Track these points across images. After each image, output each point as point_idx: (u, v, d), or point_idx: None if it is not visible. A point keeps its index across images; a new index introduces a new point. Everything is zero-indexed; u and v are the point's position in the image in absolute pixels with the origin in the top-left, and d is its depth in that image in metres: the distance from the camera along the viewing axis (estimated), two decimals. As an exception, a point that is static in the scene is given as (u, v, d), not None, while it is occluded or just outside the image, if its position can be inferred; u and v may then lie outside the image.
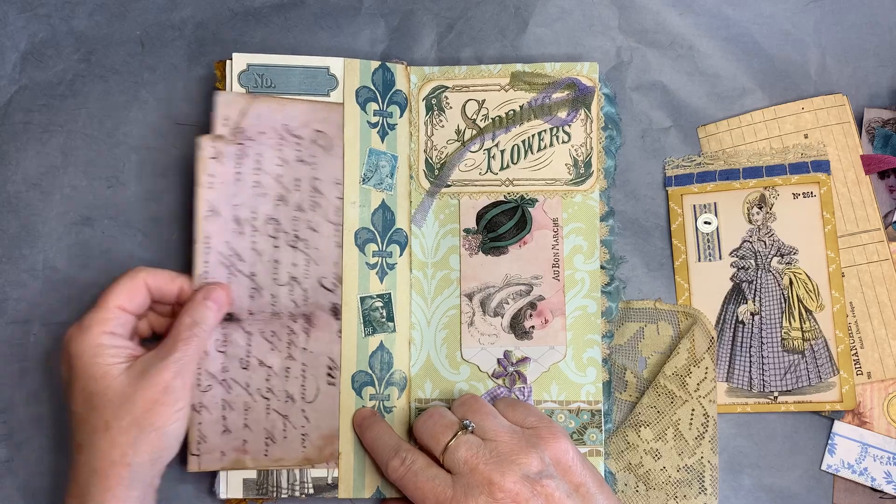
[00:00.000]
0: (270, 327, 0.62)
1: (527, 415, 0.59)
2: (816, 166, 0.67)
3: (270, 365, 0.62)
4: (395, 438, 0.61)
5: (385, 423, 0.63)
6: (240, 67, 0.65)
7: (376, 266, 0.65)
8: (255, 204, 0.62)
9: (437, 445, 0.57)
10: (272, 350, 0.62)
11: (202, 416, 0.61)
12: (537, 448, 0.56)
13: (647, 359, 0.67)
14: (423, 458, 0.58)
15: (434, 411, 0.60)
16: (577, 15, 0.71)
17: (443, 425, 0.58)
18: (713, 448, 0.65)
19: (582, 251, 0.65)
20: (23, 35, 0.69)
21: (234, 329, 0.62)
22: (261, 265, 0.62)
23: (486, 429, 0.58)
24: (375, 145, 0.66)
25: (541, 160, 0.66)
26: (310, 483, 0.63)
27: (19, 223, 0.67)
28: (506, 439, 0.57)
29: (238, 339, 0.62)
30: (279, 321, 0.62)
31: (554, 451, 0.57)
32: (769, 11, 0.70)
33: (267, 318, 0.62)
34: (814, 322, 0.66)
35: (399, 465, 0.58)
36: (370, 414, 0.63)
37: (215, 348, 0.61)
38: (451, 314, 0.66)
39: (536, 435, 0.58)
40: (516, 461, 0.55)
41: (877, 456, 0.65)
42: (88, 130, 0.69)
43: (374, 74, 0.67)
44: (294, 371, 0.62)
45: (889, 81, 0.69)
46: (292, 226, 0.62)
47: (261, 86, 0.65)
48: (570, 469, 0.57)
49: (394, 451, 0.59)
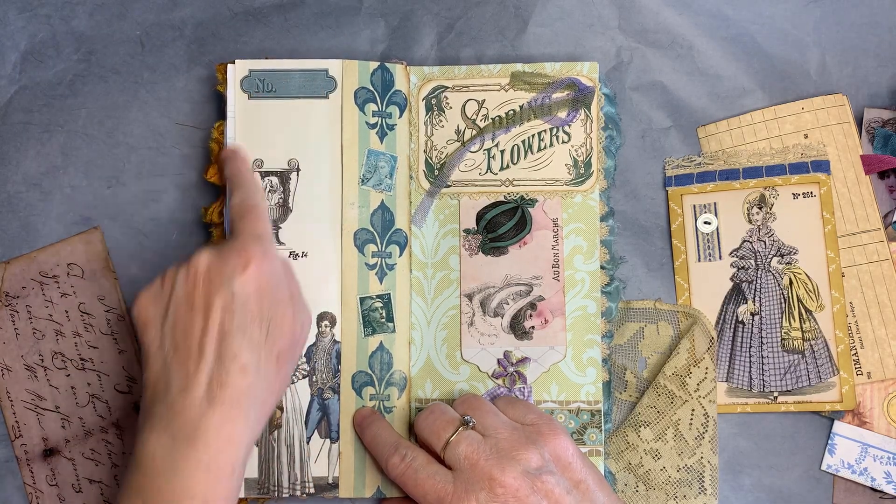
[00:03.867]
0: (88, 447, 0.66)
1: (526, 412, 0.59)
2: (816, 166, 0.67)
3: (100, 480, 0.66)
4: (394, 436, 0.61)
5: (384, 421, 0.63)
6: (242, 73, 0.66)
7: (375, 267, 0.65)
8: (38, 347, 0.67)
9: (438, 441, 0.58)
10: (97, 466, 0.66)
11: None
12: (537, 444, 0.56)
13: (647, 359, 0.67)
14: (423, 455, 0.58)
15: (435, 407, 0.60)
16: (577, 15, 0.71)
17: (444, 421, 0.58)
18: (713, 448, 0.65)
19: (582, 251, 0.65)
20: (23, 35, 0.69)
21: (57, 461, 0.66)
22: (61, 397, 0.66)
23: (487, 425, 0.58)
24: (374, 146, 0.66)
25: (541, 160, 0.66)
26: (311, 482, 0.63)
27: (19, 223, 0.68)
28: (506, 435, 0.57)
29: (63, 468, 0.66)
30: (93, 438, 0.66)
31: (553, 448, 0.57)
32: (769, 11, 0.70)
33: (81, 441, 0.66)
34: (814, 322, 0.66)
35: (399, 461, 0.58)
36: (370, 413, 0.63)
37: (47, 483, 0.65)
38: (451, 314, 0.66)
39: (536, 431, 0.58)
40: (516, 457, 0.55)
41: (877, 456, 0.65)
42: (88, 130, 0.69)
43: (373, 75, 0.67)
44: (122, 478, 0.65)
45: (889, 81, 0.69)
46: (75, 352, 0.66)
47: (262, 90, 0.66)
48: (570, 466, 0.57)
49: (393, 447, 0.59)
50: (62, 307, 0.66)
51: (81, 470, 0.65)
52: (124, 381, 0.66)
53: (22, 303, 0.66)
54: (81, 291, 0.67)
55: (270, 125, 0.66)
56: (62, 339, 0.66)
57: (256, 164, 0.65)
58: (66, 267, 0.67)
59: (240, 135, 0.65)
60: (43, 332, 0.66)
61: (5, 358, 0.66)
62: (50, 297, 0.67)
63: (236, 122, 0.66)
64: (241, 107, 0.66)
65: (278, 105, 0.66)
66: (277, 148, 0.66)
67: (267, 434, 0.63)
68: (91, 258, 0.67)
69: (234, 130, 0.66)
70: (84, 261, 0.67)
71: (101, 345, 0.66)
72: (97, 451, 0.66)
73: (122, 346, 0.67)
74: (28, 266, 0.67)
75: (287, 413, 0.64)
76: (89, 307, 0.67)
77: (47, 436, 0.66)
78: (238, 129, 0.66)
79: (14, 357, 0.66)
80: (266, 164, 0.65)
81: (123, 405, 0.66)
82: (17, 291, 0.67)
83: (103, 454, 0.66)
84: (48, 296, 0.67)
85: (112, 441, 0.66)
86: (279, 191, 0.65)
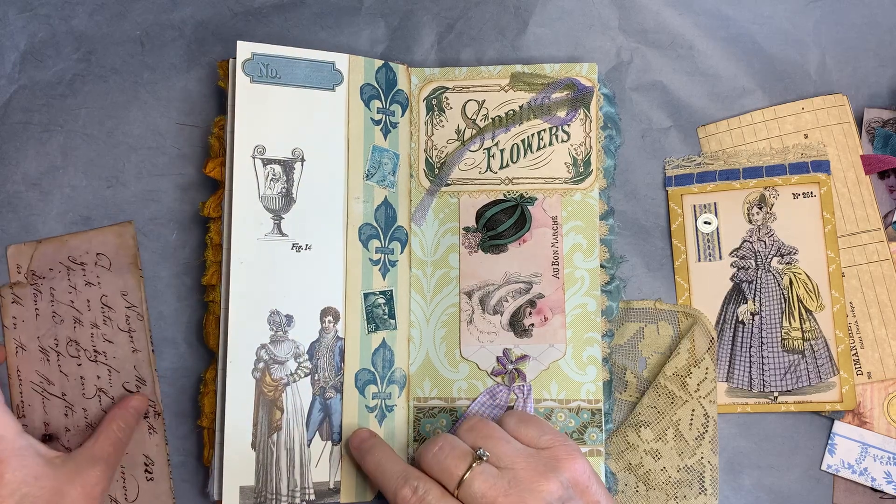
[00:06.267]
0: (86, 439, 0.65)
1: (540, 433, 0.57)
2: (816, 166, 0.67)
3: None
4: (400, 464, 0.57)
5: (387, 446, 0.60)
6: (244, 56, 0.65)
7: (379, 262, 0.65)
8: (56, 331, 0.66)
9: (451, 480, 0.54)
10: None
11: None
12: (557, 471, 0.54)
13: (647, 359, 0.67)
14: (436, 488, 0.54)
15: (442, 441, 0.56)
16: (577, 15, 0.71)
17: (455, 457, 0.55)
18: (713, 448, 0.65)
19: (581, 249, 0.65)
20: (23, 35, 0.69)
21: (54, 447, 0.64)
22: (69, 385, 0.66)
23: (501, 455, 0.55)
24: (378, 142, 0.66)
25: (540, 159, 0.67)
26: (311, 488, 0.62)
27: (19, 223, 0.67)
28: (523, 465, 0.54)
29: None
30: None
31: (573, 473, 0.54)
32: (769, 11, 0.70)
33: (82, 431, 0.66)
34: (814, 322, 0.66)
35: (410, 494, 0.54)
36: (369, 435, 0.62)
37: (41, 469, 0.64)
38: (451, 312, 0.66)
39: (554, 457, 0.55)
40: (537, 489, 0.52)
41: (877, 456, 0.65)
42: (88, 130, 0.69)
43: (378, 73, 0.67)
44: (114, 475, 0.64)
45: (889, 81, 0.69)
46: (90, 343, 0.66)
47: (265, 76, 0.65)
48: (588, 489, 0.54)
49: (402, 478, 0.55)
50: (85, 296, 0.66)
51: None
52: (133, 380, 0.66)
53: (47, 284, 0.66)
54: (106, 283, 0.67)
55: (273, 111, 0.65)
56: (80, 328, 0.66)
57: (258, 151, 0.64)
58: (95, 256, 0.67)
59: (241, 117, 0.64)
60: (62, 317, 0.66)
61: (21, 336, 0.66)
62: (74, 284, 0.66)
63: (237, 105, 0.64)
64: (243, 90, 0.64)
65: (282, 92, 0.65)
66: (280, 135, 0.65)
67: (266, 438, 0.62)
68: (120, 251, 0.67)
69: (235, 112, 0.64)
70: (113, 253, 0.67)
71: (116, 340, 0.66)
72: None
73: (136, 346, 0.66)
74: (59, 249, 0.67)
75: (287, 414, 0.63)
76: (111, 300, 0.66)
77: (49, 421, 0.65)
78: (239, 112, 0.64)
79: (30, 336, 0.66)
80: (268, 151, 0.64)
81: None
82: (43, 272, 0.66)
83: None
84: (73, 282, 0.66)
85: None
86: (282, 180, 0.64)
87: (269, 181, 0.64)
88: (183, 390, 0.66)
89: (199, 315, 0.67)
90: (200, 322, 0.66)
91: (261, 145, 0.64)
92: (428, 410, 0.65)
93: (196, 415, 0.66)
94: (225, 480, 0.61)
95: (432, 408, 0.65)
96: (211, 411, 0.63)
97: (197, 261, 0.67)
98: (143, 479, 0.65)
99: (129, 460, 0.65)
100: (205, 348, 0.66)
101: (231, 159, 0.64)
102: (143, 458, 0.65)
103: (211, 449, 0.63)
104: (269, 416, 0.62)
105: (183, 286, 0.67)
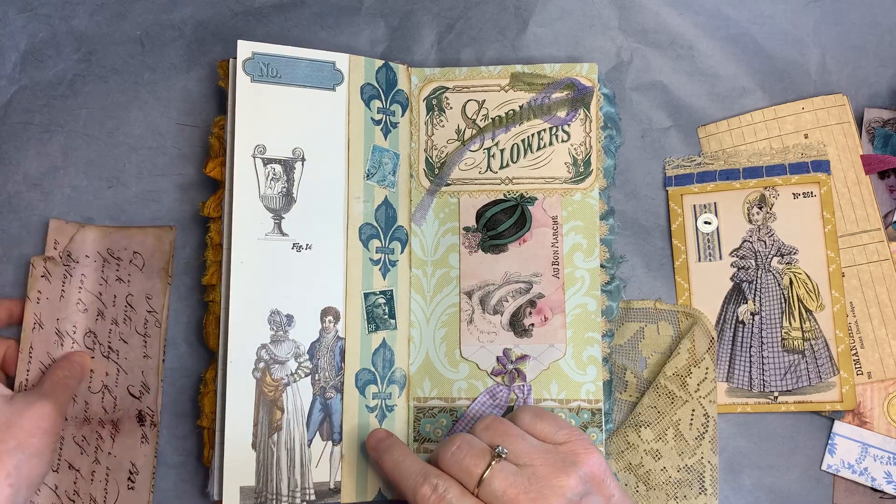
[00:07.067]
0: (81, 432, 0.65)
1: (556, 428, 0.57)
2: (816, 166, 0.67)
3: (79, 468, 0.65)
4: (419, 463, 0.57)
5: (404, 446, 0.60)
6: (244, 55, 0.64)
7: (379, 262, 0.65)
8: (76, 319, 0.66)
9: (471, 478, 0.53)
10: (81, 454, 0.65)
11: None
12: (575, 466, 0.54)
13: (647, 359, 0.67)
14: (456, 486, 0.54)
15: (460, 440, 0.56)
16: (577, 15, 0.71)
17: (473, 455, 0.54)
18: (713, 448, 0.65)
19: (581, 249, 0.65)
20: (23, 35, 0.69)
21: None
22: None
23: (519, 452, 0.54)
24: (379, 142, 0.66)
25: (540, 159, 0.67)
26: (311, 488, 0.62)
27: (19, 223, 0.68)
28: (541, 461, 0.54)
29: None
30: (89, 426, 0.65)
31: (590, 467, 0.54)
32: (769, 11, 0.70)
33: (79, 424, 0.65)
34: (814, 322, 0.66)
35: (430, 492, 0.53)
36: (386, 435, 0.61)
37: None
38: (451, 312, 0.66)
39: (571, 451, 0.55)
40: (557, 485, 0.52)
41: (877, 456, 0.65)
42: (88, 130, 0.69)
43: (378, 73, 0.67)
44: (99, 475, 0.64)
45: (889, 81, 0.69)
46: (107, 338, 0.66)
47: (266, 75, 0.65)
48: (604, 483, 0.55)
49: (422, 477, 0.55)
50: (112, 291, 0.66)
51: (66, 452, 0.64)
52: (139, 385, 0.66)
53: (79, 269, 0.66)
54: (134, 283, 0.66)
55: (274, 110, 0.65)
56: (100, 321, 0.66)
57: (258, 150, 0.64)
58: (132, 254, 0.67)
59: (241, 117, 0.64)
60: (87, 306, 0.66)
61: (42, 313, 0.65)
62: (106, 277, 0.66)
63: (237, 104, 0.64)
64: (244, 89, 0.64)
65: (283, 91, 0.65)
66: (281, 134, 0.65)
67: (266, 438, 0.62)
68: (156, 254, 0.67)
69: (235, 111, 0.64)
70: (149, 254, 0.67)
71: (131, 342, 0.66)
72: (88, 440, 0.65)
73: (149, 352, 0.66)
74: (100, 238, 0.67)
75: (288, 414, 0.63)
76: (135, 301, 0.66)
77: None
78: (239, 112, 0.64)
79: (50, 316, 0.65)
80: (268, 150, 0.64)
81: (128, 408, 0.65)
82: (79, 257, 0.66)
83: (91, 446, 0.65)
84: (105, 274, 0.66)
85: (104, 438, 0.65)
86: (282, 180, 0.64)
87: (269, 181, 0.64)
88: (183, 390, 0.66)
89: (199, 315, 0.67)
90: (200, 322, 0.66)
91: (261, 145, 0.64)
92: (428, 410, 0.65)
93: (196, 415, 0.66)
94: (225, 480, 0.61)
95: (432, 408, 0.65)
96: (211, 411, 0.63)
97: (197, 261, 0.68)
98: (124, 486, 0.65)
99: (115, 464, 0.64)
100: (205, 348, 0.66)
101: (231, 159, 0.64)
102: (130, 466, 0.65)
103: (211, 449, 0.63)
104: (270, 416, 0.62)
105: (183, 286, 0.67)
